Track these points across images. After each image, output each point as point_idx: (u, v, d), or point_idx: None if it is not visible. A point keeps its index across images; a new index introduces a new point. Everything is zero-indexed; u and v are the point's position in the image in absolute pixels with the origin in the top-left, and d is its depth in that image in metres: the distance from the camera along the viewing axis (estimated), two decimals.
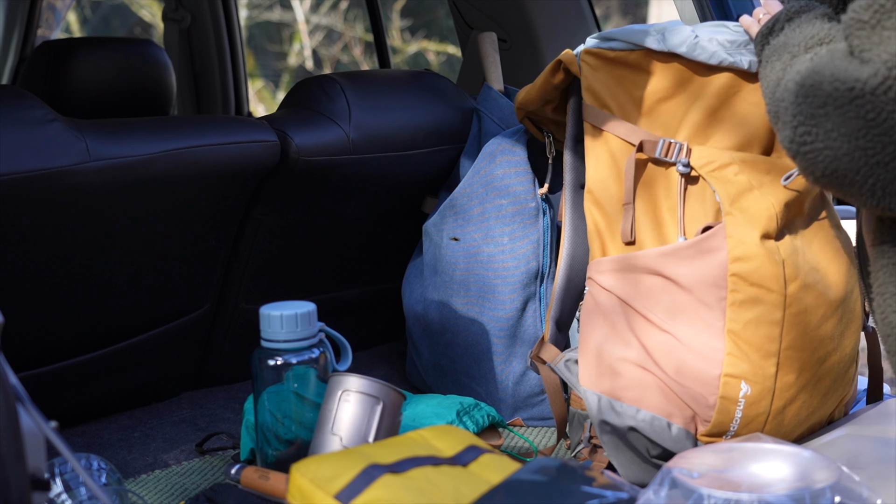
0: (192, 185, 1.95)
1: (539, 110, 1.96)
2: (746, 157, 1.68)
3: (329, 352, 1.75)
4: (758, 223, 1.60)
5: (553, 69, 1.83)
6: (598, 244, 1.75)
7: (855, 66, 1.20)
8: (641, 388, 1.63)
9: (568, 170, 1.88)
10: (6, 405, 0.94)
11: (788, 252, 1.61)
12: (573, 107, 1.86)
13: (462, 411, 1.89)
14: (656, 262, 1.65)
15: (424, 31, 8.43)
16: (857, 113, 1.19)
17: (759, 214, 1.61)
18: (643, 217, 1.70)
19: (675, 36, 1.67)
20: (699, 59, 1.66)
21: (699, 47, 1.65)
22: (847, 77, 1.20)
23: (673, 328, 1.62)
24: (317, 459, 1.44)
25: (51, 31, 4.17)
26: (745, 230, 1.60)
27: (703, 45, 1.65)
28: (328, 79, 2.15)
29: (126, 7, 8.08)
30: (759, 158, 1.69)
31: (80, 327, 2.00)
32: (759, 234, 1.60)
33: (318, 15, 8.62)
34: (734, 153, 1.68)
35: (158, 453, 1.97)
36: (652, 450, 1.64)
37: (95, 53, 2.45)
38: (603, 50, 1.73)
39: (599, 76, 1.74)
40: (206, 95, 3.68)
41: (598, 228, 1.75)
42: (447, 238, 2.15)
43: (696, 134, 1.69)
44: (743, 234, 1.59)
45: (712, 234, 1.61)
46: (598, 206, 1.75)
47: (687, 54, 1.66)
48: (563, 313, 1.87)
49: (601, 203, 1.74)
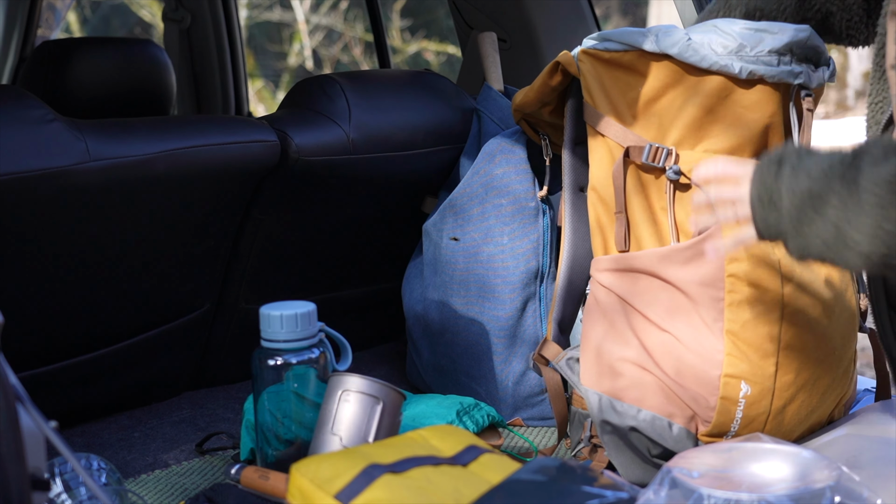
0: (192, 185, 1.95)
1: (536, 113, 1.96)
2: (735, 161, 1.68)
3: (329, 352, 1.75)
4: None
5: (551, 71, 1.83)
6: (600, 241, 1.75)
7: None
8: (642, 388, 1.63)
9: (567, 172, 1.88)
10: (6, 405, 0.94)
11: (783, 252, 1.61)
12: (571, 108, 1.86)
13: (462, 411, 1.89)
14: (654, 264, 1.66)
15: (424, 31, 8.43)
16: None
17: None
18: (641, 219, 1.70)
19: (668, 37, 1.67)
20: (690, 60, 1.65)
21: (691, 49, 1.65)
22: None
23: (672, 328, 1.63)
24: (317, 459, 1.44)
25: (51, 31, 4.17)
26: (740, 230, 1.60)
27: (694, 48, 1.65)
28: (328, 79, 2.15)
29: (126, 7, 8.08)
30: (747, 162, 1.69)
31: (80, 327, 2.00)
32: None
33: (318, 15, 8.62)
34: (722, 157, 1.68)
35: (158, 453, 1.97)
36: (653, 449, 1.65)
37: (95, 53, 2.45)
38: (599, 51, 1.73)
39: (596, 77, 1.75)
40: (206, 95, 3.68)
41: (601, 226, 1.75)
42: (447, 238, 2.15)
43: (688, 136, 1.69)
44: (738, 234, 1.59)
45: (708, 236, 1.61)
46: (601, 204, 1.75)
47: (678, 55, 1.66)
48: (565, 315, 1.88)
49: (605, 201, 1.74)
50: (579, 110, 1.83)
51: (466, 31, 2.80)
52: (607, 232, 1.74)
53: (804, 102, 1.69)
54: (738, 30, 1.66)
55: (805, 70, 1.68)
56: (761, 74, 1.65)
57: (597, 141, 1.76)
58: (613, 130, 1.73)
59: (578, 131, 1.86)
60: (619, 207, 1.72)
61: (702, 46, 1.66)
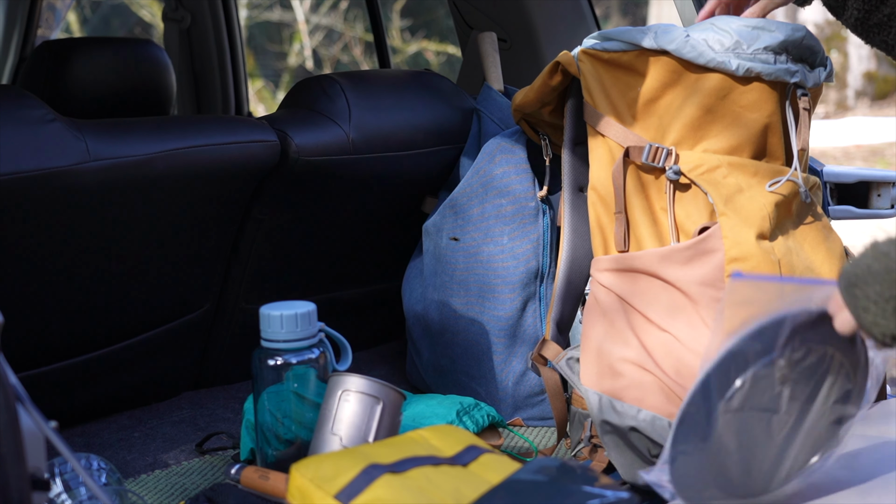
0: (192, 185, 1.95)
1: (536, 113, 1.96)
2: (734, 161, 1.69)
3: (329, 352, 1.75)
4: (752, 223, 1.61)
5: (551, 71, 1.84)
6: (600, 241, 1.75)
7: None
8: (642, 389, 1.63)
9: (566, 172, 1.88)
10: (6, 405, 0.94)
11: (783, 252, 1.61)
12: (571, 109, 1.86)
13: (462, 411, 1.89)
14: (654, 264, 1.66)
15: (424, 31, 8.44)
16: None
17: (752, 215, 1.62)
18: (641, 219, 1.70)
19: (666, 34, 1.68)
20: (687, 56, 1.66)
21: (689, 45, 1.66)
22: None
23: (672, 328, 1.63)
24: (317, 459, 1.44)
25: (51, 31, 4.18)
26: (740, 230, 1.60)
27: (692, 44, 1.66)
28: (328, 79, 2.16)
29: (126, 7, 8.09)
30: (746, 162, 1.70)
31: (80, 327, 2.00)
32: (755, 234, 1.60)
33: (318, 15, 8.62)
34: (722, 157, 1.69)
35: (158, 453, 1.97)
36: (653, 449, 1.65)
37: (95, 53, 2.45)
38: (598, 51, 1.74)
39: (596, 77, 1.75)
40: (206, 95, 3.68)
41: (601, 226, 1.75)
42: (447, 238, 2.15)
43: (688, 136, 1.69)
44: (739, 234, 1.60)
45: (709, 236, 1.62)
46: (602, 204, 1.75)
47: (676, 52, 1.67)
48: (564, 315, 1.88)
49: (605, 201, 1.74)
50: (579, 110, 1.83)
51: (466, 31, 2.80)
52: (607, 232, 1.75)
53: (800, 102, 1.69)
54: (736, 27, 1.67)
55: (801, 69, 1.69)
56: (758, 72, 1.65)
57: (597, 141, 1.76)
58: (613, 130, 1.73)
59: (578, 131, 1.86)
60: (618, 207, 1.72)
61: (699, 43, 1.66)
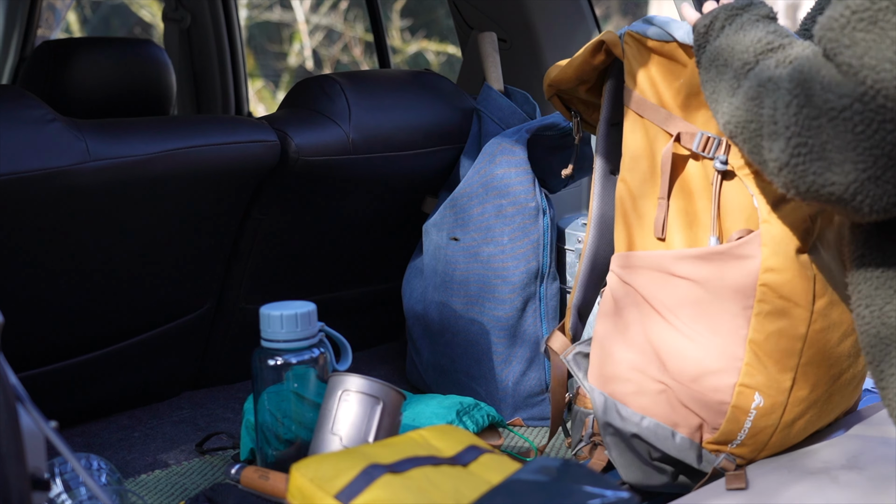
0: (192, 185, 1.95)
1: (572, 90, 1.87)
2: None
3: (329, 352, 1.75)
4: (793, 235, 1.55)
5: (594, 49, 1.75)
6: (624, 235, 1.69)
7: (839, 76, 1.18)
8: (648, 396, 1.61)
9: (599, 155, 1.81)
10: (6, 405, 0.94)
11: (819, 267, 1.56)
12: (610, 89, 1.78)
13: (462, 411, 1.89)
14: (685, 263, 1.60)
15: (424, 31, 8.43)
16: (846, 126, 1.18)
17: (794, 226, 1.56)
18: (675, 213, 1.63)
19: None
20: None
21: None
22: (834, 88, 1.17)
23: (693, 331, 1.58)
24: (317, 459, 1.44)
25: (51, 31, 4.18)
26: (780, 241, 1.54)
27: None
28: (328, 79, 2.15)
29: (126, 7, 8.09)
30: None
31: (80, 327, 2.00)
32: (795, 247, 1.54)
33: (318, 15, 8.62)
34: None
35: (158, 453, 1.97)
36: (654, 453, 1.63)
37: (95, 53, 2.45)
38: (643, 37, 1.66)
39: (641, 62, 1.67)
40: (206, 95, 3.68)
41: (626, 219, 1.69)
42: (447, 238, 2.15)
43: None
44: (778, 245, 1.54)
45: (747, 242, 1.55)
46: (629, 196, 1.68)
47: None
48: (585, 301, 1.83)
49: (633, 193, 1.68)
50: (618, 91, 1.76)
51: (466, 31, 2.80)
52: (633, 225, 1.68)
53: None
54: None
55: None
56: None
57: (635, 124, 1.68)
58: (658, 115, 1.65)
59: (615, 112, 1.78)
60: (662, 193, 1.64)
61: None
